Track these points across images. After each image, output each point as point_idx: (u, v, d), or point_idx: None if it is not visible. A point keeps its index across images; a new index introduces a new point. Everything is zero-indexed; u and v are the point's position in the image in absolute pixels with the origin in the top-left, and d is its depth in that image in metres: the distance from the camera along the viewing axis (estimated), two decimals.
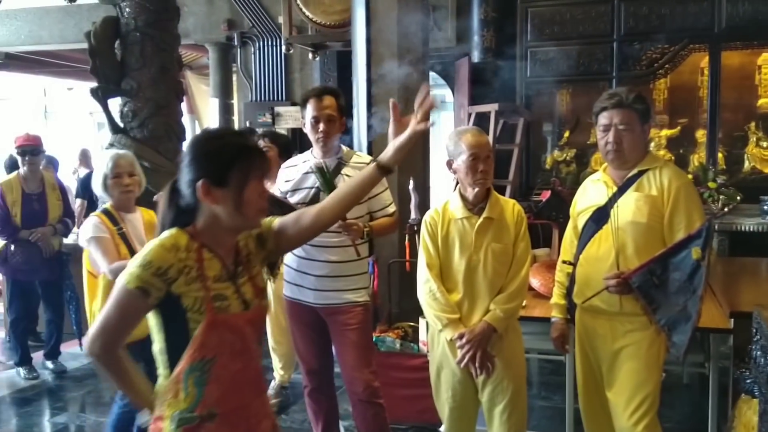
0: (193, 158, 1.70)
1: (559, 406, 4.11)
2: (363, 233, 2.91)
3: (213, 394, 1.68)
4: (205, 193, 1.66)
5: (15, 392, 4.81)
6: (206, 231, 1.71)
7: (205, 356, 1.66)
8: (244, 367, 1.74)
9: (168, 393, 1.69)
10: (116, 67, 4.50)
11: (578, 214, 2.81)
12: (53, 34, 8.79)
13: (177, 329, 1.66)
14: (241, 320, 1.72)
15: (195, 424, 1.68)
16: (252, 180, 1.69)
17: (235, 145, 1.70)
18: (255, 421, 1.79)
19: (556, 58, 6.77)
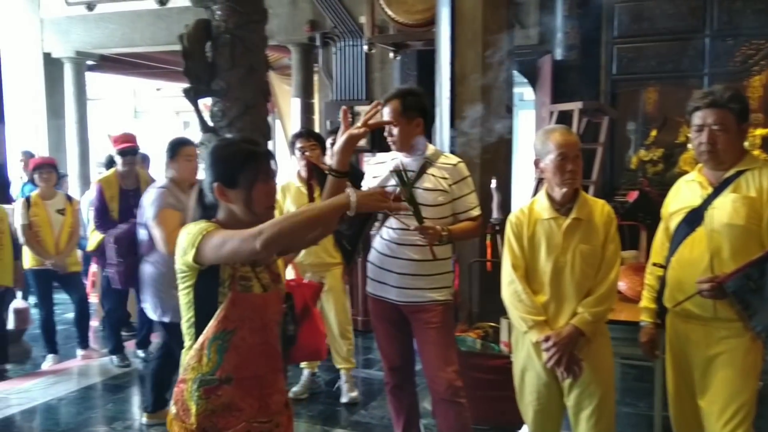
0: (211, 163, 1.97)
1: (644, 413, 4.00)
2: (440, 237, 2.90)
3: (231, 361, 1.91)
4: (219, 193, 1.93)
5: (108, 379, 5.05)
6: (226, 225, 1.93)
7: (227, 327, 1.90)
8: (261, 342, 1.97)
9: (192, 359, 1.93)
10: (207, 68, 4.64)
11: (670, 215, 2.73)
12: (145, 36, 9.14)
13: (207, 304, 1.90)
14: (260, 300, 1.96)
15: (214, 385, 1.91)
16: (258, 181, 1.93)
17: (243, 152, 1.95)
18: (267, 392, 2.00)
19: (643, 55, 6.56)
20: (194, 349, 1.92)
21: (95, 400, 4.69)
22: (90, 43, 9.49)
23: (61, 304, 6.14)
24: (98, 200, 5.09)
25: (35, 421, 4.29)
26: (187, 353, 1.95)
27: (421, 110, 3.04)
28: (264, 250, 1.76)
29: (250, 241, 1.76)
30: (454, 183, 3.03)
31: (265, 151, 2.00)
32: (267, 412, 1.99)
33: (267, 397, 1.99)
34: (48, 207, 5.27)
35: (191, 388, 1.92)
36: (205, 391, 1.91)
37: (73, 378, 5.06)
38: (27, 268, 5.27)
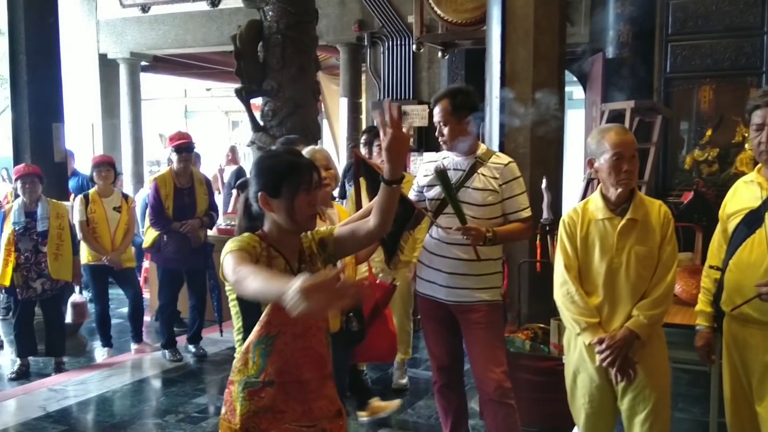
0: (255, 174, 2.05)
1: (698, 419, 3.92)
2: (483, 237, 2.88)
3: (274, 365, 1.96)
4: (263, 202, 2.00)
5: (161, 373, 5.15)
6: (272, 234, 2.03)
7: (270, 332, 1.95)
8: (304, 348, 2.00)
9: (239, 362, 1.99)
10: (258, 68, 4.71)
11: (728, 217, 2.66)
12: (197, 37, 9.30)
13: (252, 313, 1.96)
14: None
15: (258, 387, 1.96)
16: (300, 191, 1.98)
17: (286, 163, 2.02)
18: (311, 397, 2.03)
19: (698, 53, 6.40)
20: (240, 353, 1.99)
21: (148, 393, 4.80)
22: (144, 44, 9.70)
23: (116, 299, 6.31)
24: (154, 198, 5.21)
25: (91, 412, 4.41)
26: (236, 357, 2.02)
27: (471, 109, 3.03)
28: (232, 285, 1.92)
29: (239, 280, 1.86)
30: (505, 183, 3.01)
31: (308, 163, 2.05)
32: (311, 416, 2.02)
33: (311, 402, 2.02)
34: (105, 204, 5.41)
35: (237, 389, 1.98)
36: (249, 393, 1.96)
37: (127, 371, 5.18)
38: (84, 263, 5.41)
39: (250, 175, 2.08)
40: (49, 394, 4.65)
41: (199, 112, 16.27)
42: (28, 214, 5.03)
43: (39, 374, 5.14)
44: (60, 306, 5.38)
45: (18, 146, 5.79)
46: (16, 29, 5.75)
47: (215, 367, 5.22)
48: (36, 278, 5.03)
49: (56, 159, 5.85)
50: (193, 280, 5.44)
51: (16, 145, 5.81)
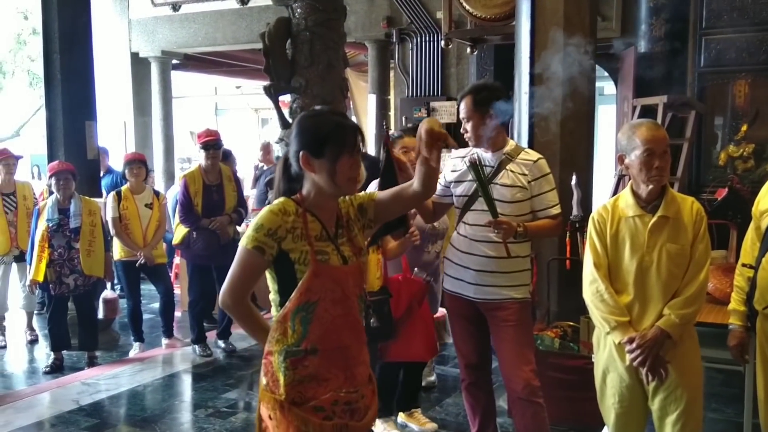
0: (298, 132, 2.00)
1: (732, 419, 3.85)
2: (514, 233, 2.85)
3: (316, 332, 1.94)
4: (305, 162, 1.95)
5: (191, 368, 5.22)
6: (309, 197, 2.00)
7: (310, 299, 1.93)
8: (344, 314, 1.98)
9: (276, 331, 1.96)
10: (287, 65, 4.72)
11: (761, 214, 2.62)
12: (227, 35, 9.37)
13: (287, 279, 1.95)
14: (340, 272, 1.98)
15: (300, 356, 1.94)
16: (344, 153, 1.94)
17: (331, 122, 1.97)
18: (352, 363, 2.02)
19: (734, 46, 6.26)
20: (277, 322, 1.96)
21: (178, 387, 4.86)
22: (175, 42, 9.80)
23: (147, 294, 6.39)
24: (183, 195, 5.26)
25: (122, 406, 4.47)
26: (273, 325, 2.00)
27: (493, 103, 2.99)
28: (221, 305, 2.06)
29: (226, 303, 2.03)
30: (534, 180, 2.97)
31: (353, 125, 2.01)
32: (353, 382, 2.01)
33: (352, 367, 2.01)
34: (137, 201, 5.48)
35: (278, 359, 1.96)
36: (292, 362, 1.94)
37: (158, 366, 5.25)
38: (116, 259, 5.50)
39: (292, 133, 2.03)
40: (81, 387, 4.74)
41: (229, 110, 16.40)
42: (62, 211, 5.12)
43: (72, 368, 5.24)
44: (92, 301, 5.46)
45: (52, 144, 5.89)
46: (50, 29, 5.85)
47: (245, 362, 5.27)
48: (69, 274, 5.12)
49: (89, 156, 5.94)
50: (223, 276, 5.41)
51: (50, 142, 5.91)
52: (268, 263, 1.96)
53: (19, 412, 4.29)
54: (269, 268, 1.99)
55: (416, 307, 3.34)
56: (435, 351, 3.62)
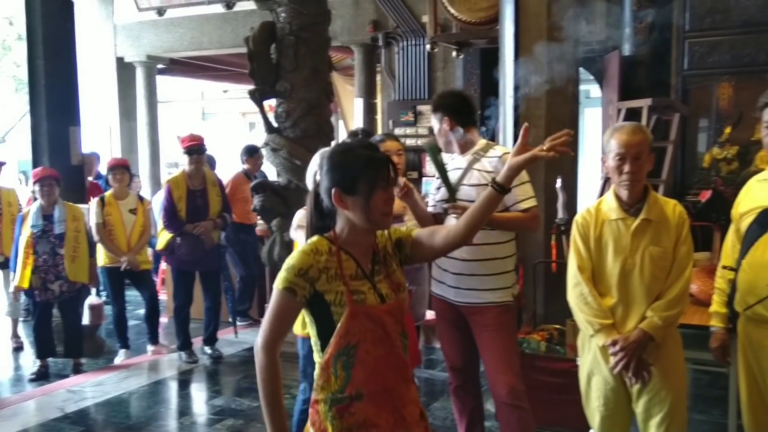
0: (329, 168, 1.92)
1: (717, 421, 3.86)
2: None
3: (359, 376, 1.87)
4: (337, 199, 1.89)
5: (177, 374, 5.19)
6: (343, 234, 1.93)
7: (350, 342, 1.86)
8: (386, 354, 1.91)
9: (320, 379, 1.90)
10: (272, 69, 4.71)
11: (741, 216, 2.63)
12: (212, 39, 9.35)
13: (324, 322, 1.88)
14: (378, 311, 1.89)
15: (346, 403, 1.86)
16: (378, 189, 1.87)
17: (363, 157, 1.90)
18: (400, 404, 1.93)
19: (717, 49, 6.31)
20: (320, 368, 1.90)
21: (164, 394, 4.82)
22: (160, 47, 9.77)
23: (133, 301, 6.35)
24: (167, 200, 5.25)
25: (108, 413, 4.44)
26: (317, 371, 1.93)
27: (444, 108, 3.05)
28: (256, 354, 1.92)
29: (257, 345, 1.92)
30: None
31: (384, 157, 1.93)
32: (403, 424, 1.92)
33: (401, 408, 1.93)
34: (121, 207, 5.44)
35: (324, 408, 1.88)
36: (338, 411, 1.86)
37: (144, 373, 5.22)
38: (100, 265, 5.46)
39: (321, 169, 1.96)
40: (67, 395, 4.70)
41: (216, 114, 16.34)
42: (46, 217, 5.09)
43: (58, 375, 5.20)
44: (77, 308, 5.42)
45: (36, 150, 5.86)
46: (34, 34, 5.82)
47: (231, 368, 5.24)
48: (54, 280, 5.08)
49: (73, 162, 5.90)
50: (207, 281, 5.47)
51: (34, 148, 5.87)
52: (301, 305, 1.89)
53: (4, 420, 4.26)
54: (306, 311, 1.93)
55: None
56: (418, 360, 3.58)
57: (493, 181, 1.95)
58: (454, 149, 3.08)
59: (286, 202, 4.71)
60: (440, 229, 2.03)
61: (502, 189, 1.95)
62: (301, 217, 3.15)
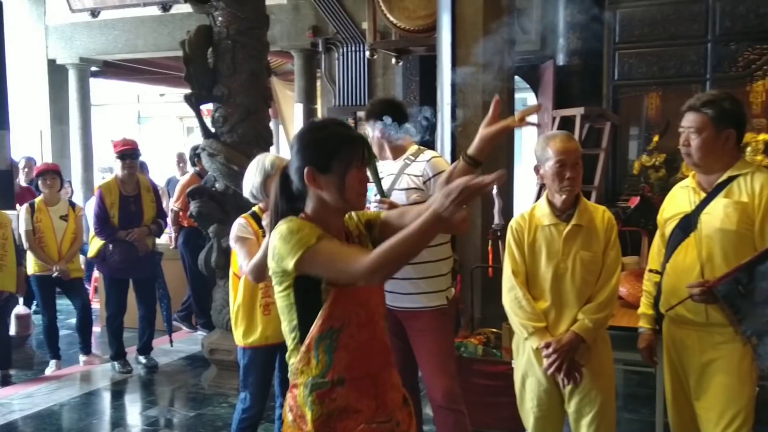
0: (301, 147, 1.85)
1: (646, 419, 3.99)
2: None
3: (342, 361, 1.80)
4: (310, 179, 1.81)
5: (110, 385, 5.05)
6: (315, 215, 1.85)
7: (333, 325, 1.79)
8: (370, 338, 1.85)
9: (300, 362, 1.82)
10: (208, 74, 4.64)
11: (666, 221, 2.74)
12: (148, 42, 9.17)
13: (309, 301, 1.80)
14: (363, 292, 1.84)
15: (327, 388, 1.80)
16: (353, 167, 1.81)
17: (337, 135, 1.83)
18: (383, 390, 1.89)
19: (645, 60, 6.56)
20: (300, 352, 1.82)
21: (97, 405, 4.68)
22: (94, 49, 9.53)
23: (64, 310, 6.16)
24: (98, 206, 5.12)
25: (37, 426, 4.28)
26: (291, 357, 1.86)
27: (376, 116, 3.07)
28: (374, 278, 1.72)
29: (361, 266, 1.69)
30: (428, 179, 3.00)
31: (359, 136, 1.88)
32: (385, 410, 1.87)
33: (383, 395, 1.88)
34: (51, 213, 5.28)
35: (303, 392, 1.82)
36: (319, 396, 1.81)
37: (76, 384, 5.06)
38: (30, 273, 5.28)
39: (292, 148, 1.87)
40: None
41: (152, 118, 16.00)
42: None
43: None
44: (4, 318, 5.23)
45: None
46: None
47: (167, 378, 5.13)
48: None
49: (1, 167, 5.69)
50: (141, 289, 5.35)
51: None
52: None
53: None
54: (286, 295, 1.83)
55: None
56: None
57: (464, 153, 1.91)
58: (387, 155, 3.11)
59: (223, 207, 4.65)
60: (410, 210, 1.98)
61: (473, 162, 1.91)
62: (238, 226, 3.12)
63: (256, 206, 3.21)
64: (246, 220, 3.12)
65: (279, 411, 3.36)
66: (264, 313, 3.12)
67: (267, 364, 3.23)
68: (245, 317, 3.15)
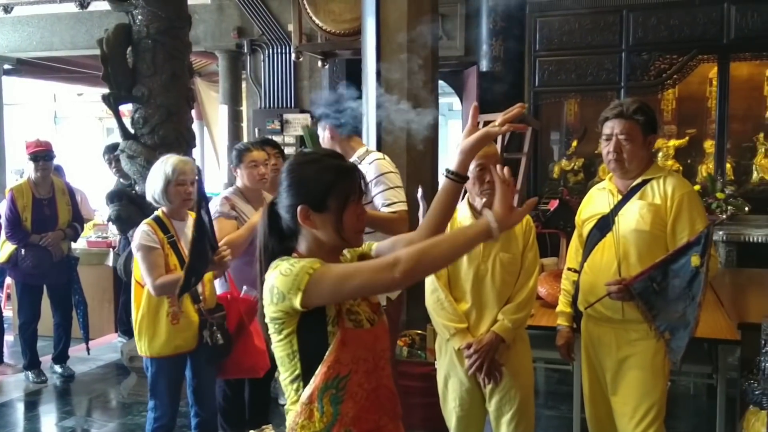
0: (292, 183, 1.69)
1: (566, 415, 4.11)
2: None
3: (349, 413, 1.63)
4: (304, 218, 1.66)
5: (24, 395, 4.84)
6: (310, 254, 1.69)
7: (340, 373, 1.62)
8: (377, 387, 1.70)
9: (301, 416, 1.63)
10: (128, 74, 4.51)
11: (583, 222, 2.83)
12: (64, 40, 8.86)
13: (314, 344, 1.63)
14: (370, 336, 1.70)
15: None
16: (350, 203, 1.67)
17: (333, 169, 1.68)
18: None
19: (564, 68, 6.78)
20: (301, 404, 1.63)
21: (9, 417, 4.47)
22: (6, 46, 9.13)
23: None
24: (10, 210, 4.89)
25: None
26: (290, 411, 1.68)
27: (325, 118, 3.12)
28: (403, 281, 1.53)
29: (386, 272, 1.52)
30: (370, 181, 3.04)
31: (354, 167, 1.73)
32: None
33: None
34: None
35: None
36: None
37: None
38: None
39: (281, 184, 1.72)
40: None
41: (70, 118, 15.42)
42: None
43: None
44: None
45: None
46: None
47: (84, 387, 4.96)
48: None
49: None
50: (56, 295, 5.15)
51: None
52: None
53: None
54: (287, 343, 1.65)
55: (246, 324, 3.29)
56: (267, 366, 3.48)
57: (446, 171, 1.78)
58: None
59: (143, 211, 4.52)
60: (401, 239, 1.82)
61: (458, 177, 1.76)
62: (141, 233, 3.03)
63: (160, 210, 3.13)
64: (150, 227, 3.03)
65: (194, 420, 3.31)
66: (171, 322, 3.05)
67: (176, 371, 3.18)
68: (150, 327, 3.06)
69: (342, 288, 1.57)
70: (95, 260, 6.17)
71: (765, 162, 6.40)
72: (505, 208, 1.61)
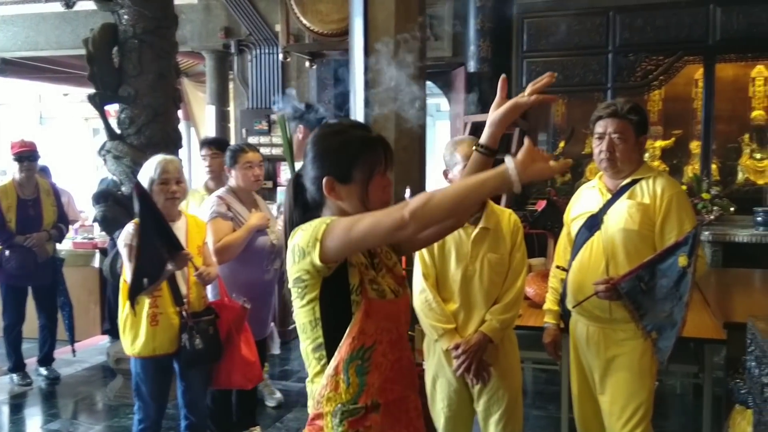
0: (317, 154, 1.68)
1: (553, 415, 4.12)
2: None
3: (375, 383, 1.63)
4: (329, 189, 1.65)
5: (9, 398, 4.79)
6: None
7: (365, 343, 1.62)
8: (400, 357, 1.70)
9: (326, 388, 1.63)
10: (114, 73, 4.49)
11: (572, 220, 2.84)
12: (50, 40, 8.79)
13: (338, 316, 1.62)
14: (394, 307, 1.70)
15: (360, 415, 1.61)
16: (376, 174, 1.66)
17: (358, 140, 1.67)
18: (414, 416, 1.74)
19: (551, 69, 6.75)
20: (327, 376, 1.62)
21: None
22: None
23: None
24: None
25: None
26: (314, 382, 1.67)
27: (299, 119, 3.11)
28: (412, 220, 1.46)
29: (394, 212, 1.48)
30: None
31: (381, 138, 1.70)
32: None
33: (415, 421, 1.72)
34: None
35: (332, 422, 1.61)
36: (351, 424, 1.60)
37: None
38: None
39: (306, 157, 1.70)
40: None
41: (55, 119, 15.31)
42: None
43: None
44: None
45: None
46: None
47: (69, 390, 4.91)
48: None
49: None
50: (41, 297, 5.11)
51: None
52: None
53: None
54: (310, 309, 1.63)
55: (235, 335, 3.25)
56: (258, 378, 3.48)
57: (476, 145, 1.75)
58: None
59: (129, 212, 4.49)
60: None
61: (488, 150, 1.73)
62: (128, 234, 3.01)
63: None
64: (137, 227, 3.02)
65: (184, 422, 3.28)
66: (151, 324, 3.03)
67: (159, 374, 3.15)
68: (132, 327, 3.06)
69: (352, 231, 1.53)
70: (81, 261, 6.13)
71: (750, 163, 6.45)
72: (527, 156, 1.51)
